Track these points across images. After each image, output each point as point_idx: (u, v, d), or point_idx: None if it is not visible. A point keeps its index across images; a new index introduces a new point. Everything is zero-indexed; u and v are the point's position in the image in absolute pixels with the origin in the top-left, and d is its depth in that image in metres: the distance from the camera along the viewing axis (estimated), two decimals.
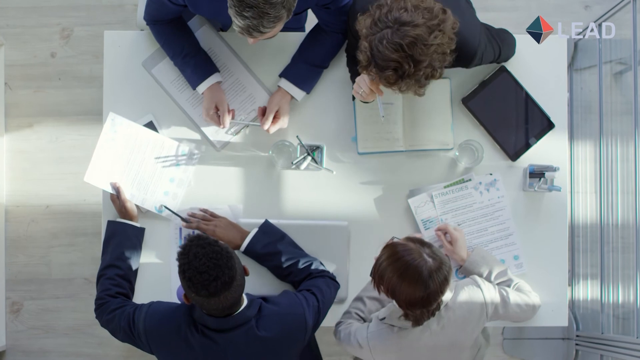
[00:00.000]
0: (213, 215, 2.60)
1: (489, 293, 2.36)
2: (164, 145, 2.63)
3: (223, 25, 2.61)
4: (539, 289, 2.58)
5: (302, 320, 2.31)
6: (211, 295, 2.10)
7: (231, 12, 2.15)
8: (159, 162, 2.63)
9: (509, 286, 2.50)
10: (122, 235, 2.56)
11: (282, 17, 2.17)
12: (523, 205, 2.64)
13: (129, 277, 2.55)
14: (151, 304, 2.37)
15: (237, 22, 2.17)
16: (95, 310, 2.49)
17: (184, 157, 2.64)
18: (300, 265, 2.49)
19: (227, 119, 2.58)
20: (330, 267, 2.59)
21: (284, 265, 2.49)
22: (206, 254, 2.09)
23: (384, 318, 2.30)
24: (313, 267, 2.49)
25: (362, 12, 2.24)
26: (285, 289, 2.54)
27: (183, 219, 2.59)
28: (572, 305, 3.31)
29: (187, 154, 2.64)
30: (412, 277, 2.07)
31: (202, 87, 2.58)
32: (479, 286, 2.35)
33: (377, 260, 2.17)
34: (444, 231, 2.58)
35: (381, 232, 2.60)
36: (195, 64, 2.57)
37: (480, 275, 2.51)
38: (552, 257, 2.63)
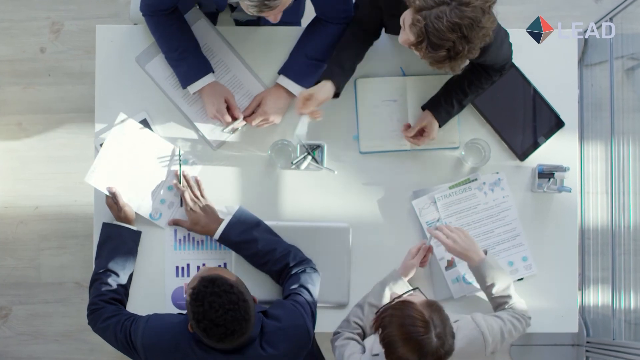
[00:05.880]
0: (201, 193, 2.58)
1: (491, 335, 2.30)
2: (167, 151, 2.61)
3: (218, 5, 2.55)
4: (548, 294, 2.58)
5: (305, 331, 2.32)
6: (225, 344, 2.15)
7: None
8: (160, 170, 2.60)
9: (507, 302, 2.43)
10: (118, 239, 2.54)
11: None
12: (531, 207, 2.62)
13: (124, 283, 2.52)
14: (149, 317, 2.33)
15: (250, 3, 2.14)
16: (88, 316, 2.46)
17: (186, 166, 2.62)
18: (278, 254, 2.48)
19: (240, 114, 2.57)
20: (330, 271, 2.57)
21: (260, 254, 2.49)
22: (222, 304, 2.10)
23: (377, 355, 2.26)
24: (291, 256, 2.48)
25: None
26: (275, 290, 2.55)
27: (178, 179, 2.57)
28: (582, 310, 3.32)
29: (189, 163, 2.61)
30: (411, 347, 2.06)
31: (196, 86, 2.55)
32: (481, 331, 2.30)
33: (388, 305, 2.15)
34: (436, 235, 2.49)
35: (384, 235, 2.61)
36: (192, 61, 2.54)
37: (484, 284, 2.44)
38: (561, 261, 2.62)
